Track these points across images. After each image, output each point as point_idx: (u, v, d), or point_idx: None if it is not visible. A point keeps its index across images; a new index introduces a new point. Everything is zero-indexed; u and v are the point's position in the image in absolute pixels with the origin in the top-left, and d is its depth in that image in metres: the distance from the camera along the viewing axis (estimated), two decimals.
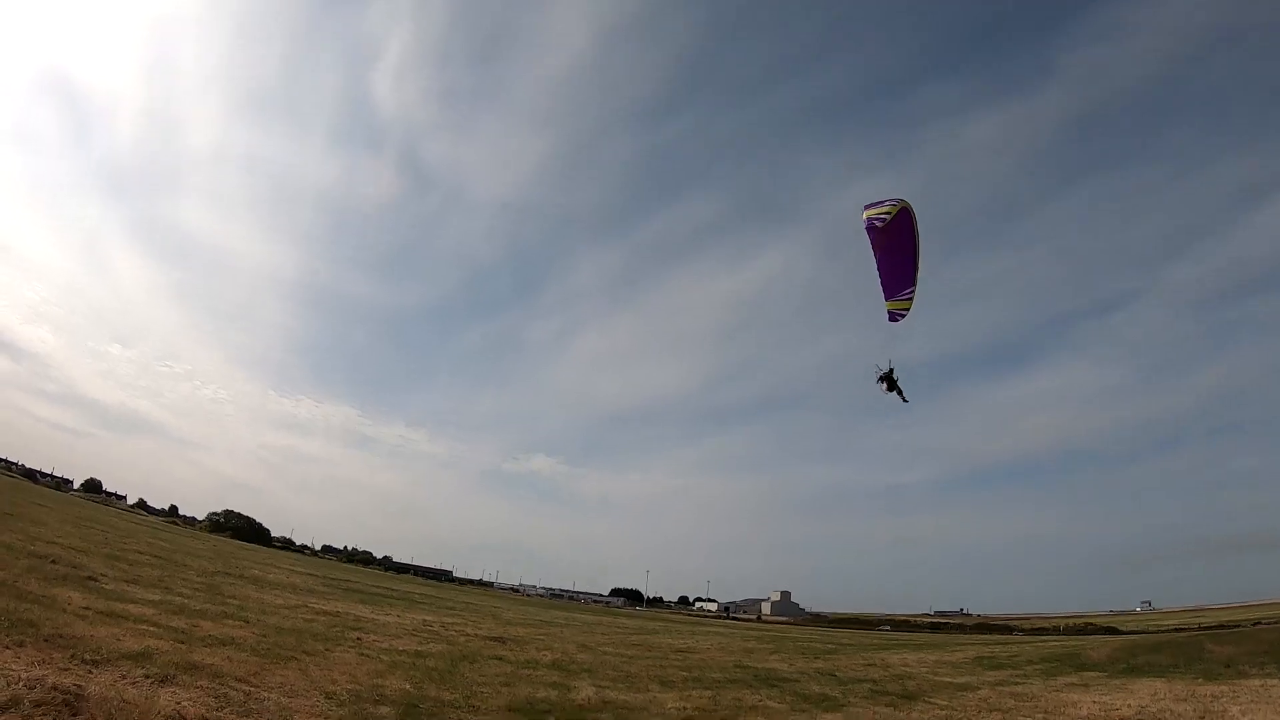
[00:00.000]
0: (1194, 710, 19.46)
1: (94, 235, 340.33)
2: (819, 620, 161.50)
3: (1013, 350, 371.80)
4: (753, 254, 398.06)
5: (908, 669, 32.13)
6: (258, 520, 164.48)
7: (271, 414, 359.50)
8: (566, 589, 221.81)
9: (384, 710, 11.64)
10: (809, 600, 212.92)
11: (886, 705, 19.68)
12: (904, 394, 21.96)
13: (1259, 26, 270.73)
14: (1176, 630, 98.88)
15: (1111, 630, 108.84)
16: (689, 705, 16.65)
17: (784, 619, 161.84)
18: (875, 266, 20.39)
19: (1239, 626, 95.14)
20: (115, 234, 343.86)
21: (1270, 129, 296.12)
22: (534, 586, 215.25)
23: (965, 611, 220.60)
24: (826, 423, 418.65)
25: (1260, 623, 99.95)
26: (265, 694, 11.27)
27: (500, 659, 21.49)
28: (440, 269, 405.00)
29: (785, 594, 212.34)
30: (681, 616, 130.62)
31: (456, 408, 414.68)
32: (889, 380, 22.14)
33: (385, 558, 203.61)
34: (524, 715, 13.22)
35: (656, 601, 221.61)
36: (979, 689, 24.82)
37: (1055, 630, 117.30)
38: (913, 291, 20.87)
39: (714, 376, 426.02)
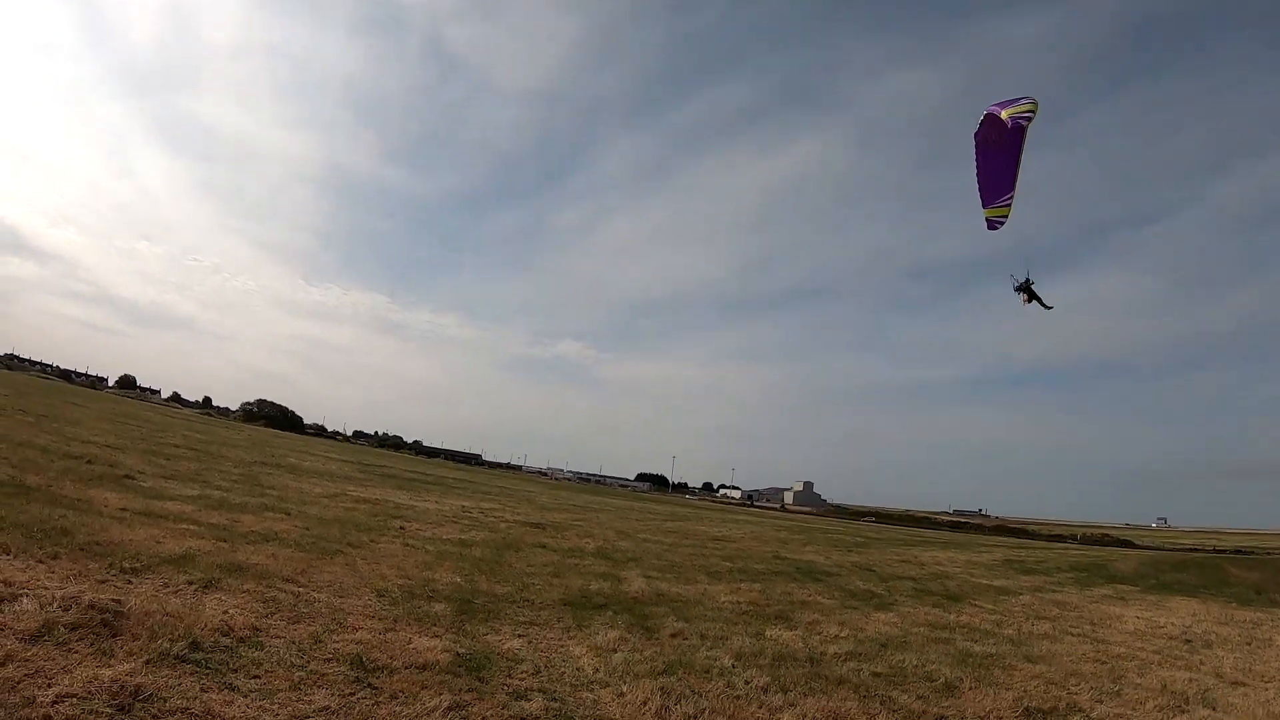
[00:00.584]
0: (1239, 635, 19.21)
1: (117, 135, 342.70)
2: (840, 512, 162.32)
3: (1050, 254, 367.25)
4: (787, 142, 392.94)
5: (942, 568, 32.14)
6: (290, 409, 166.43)
7: (301, 303, 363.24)
8: (594, 473, 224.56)
9: (438, 607, 11.18)
10: (830, 492, 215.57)
11: (934, 606, 19.40)
12: (1044, 301, 21.37)
13: None
14: (1192, 550, 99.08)
15: (1127, 543, 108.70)
16: (741, 599, 16.30)
17: (806, 509, 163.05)
18: (975, 169, 19.77)
19: (1253, 552, 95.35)
20: (138, 133, 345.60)
21: None
22: (562, 470, 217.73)
23: (984, 512, 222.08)
24: (857, 315, 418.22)
25: (1274, 551, 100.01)
26: (315, 594, 10.84)
27: (544, 547, 21.27)
28: (467, 156, 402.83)
29: (808, 484, 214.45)
30: (707, 503, 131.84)
31: (485, 293, 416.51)
32: (1028, 290, 21.51)
33: (416, 442, 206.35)
34: (579, 609, 12.78)
35: (681, 487, 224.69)
36: (1020, 594, 24.75)
37: (1073, 538, 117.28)
38: (1011, 197, 20.10)
39: (744, 265, 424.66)
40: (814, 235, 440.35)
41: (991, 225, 20.71)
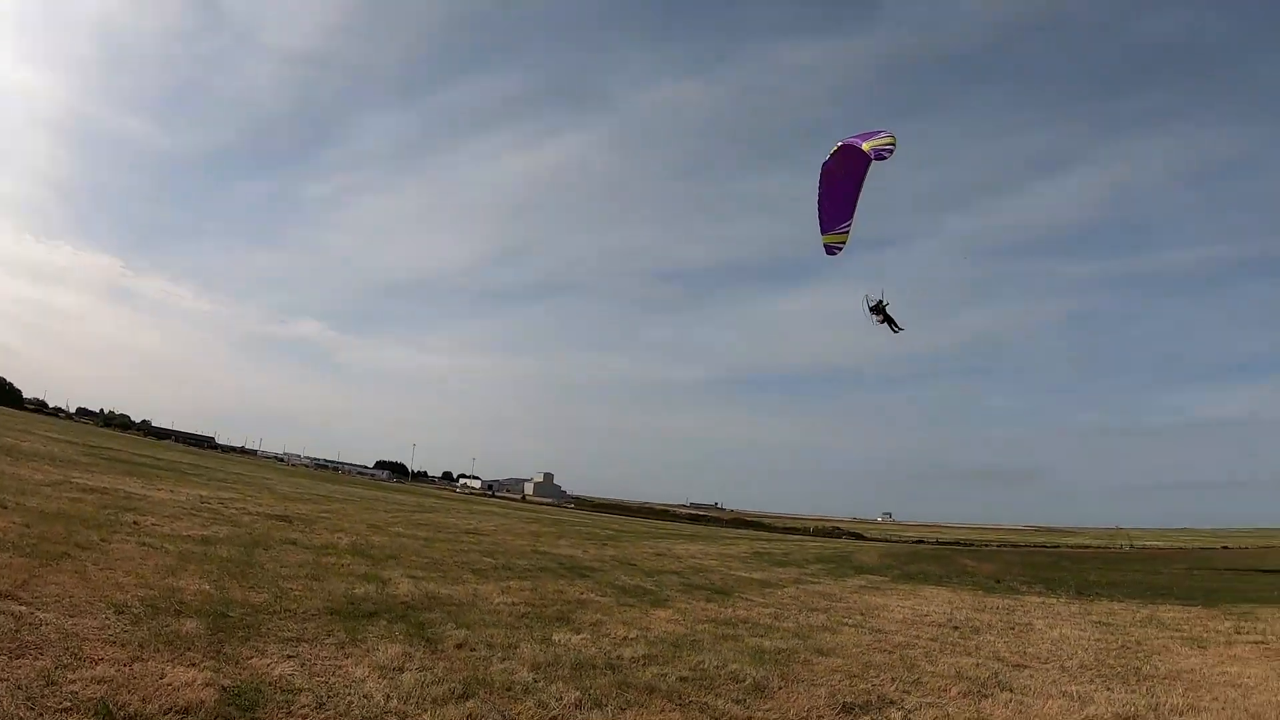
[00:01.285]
0: (999, 620, 19.79)
1: None
2: (582, 504, 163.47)
3: (792, 267, 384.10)
4: (552, 136, 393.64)
5: (698, 561, 32.29)
6: (8, 380, 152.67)
7: (26, 262, 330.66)
8: (332, 460, 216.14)
9: (190, 625, 9.25)
10: (570, 484, 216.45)
11: (707, 600, 19.15)
12: (896, 324, 22.14)
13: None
14: (919, 542, 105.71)
15: (857, 535, 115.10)
16: (515, 600, 15.34)
17: (547, 500, 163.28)
18: (818, 196, 20.82)
19: (973, 545, 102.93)
20: None
21: (1069, 110, 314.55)
22: (299, 456, 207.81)
23: (720, 506, 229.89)
24: (605, 312, 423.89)
25: (990, 545, 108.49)
26: (41, 614, 8.60)
27: (294, 544, 19.29)
28: (221, 114, 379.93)
29: (548, 475, 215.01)
30: (449, 493, 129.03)
31: (226, 264, 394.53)
32: (881, 311, 22.02)
33: (144, 422, 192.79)
34: (349, 618, 11.21)
35: (421, 476, 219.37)
36: (783, 586, 24.93)
37: (806, 531, 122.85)
38: (849, 226, 20.88)
39: (497, 255, 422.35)
40: (569, 231, 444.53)
41: (830, 251, 21.39)
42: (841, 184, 20.75)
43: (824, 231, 21.54)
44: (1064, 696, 11.39)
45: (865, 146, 19.15)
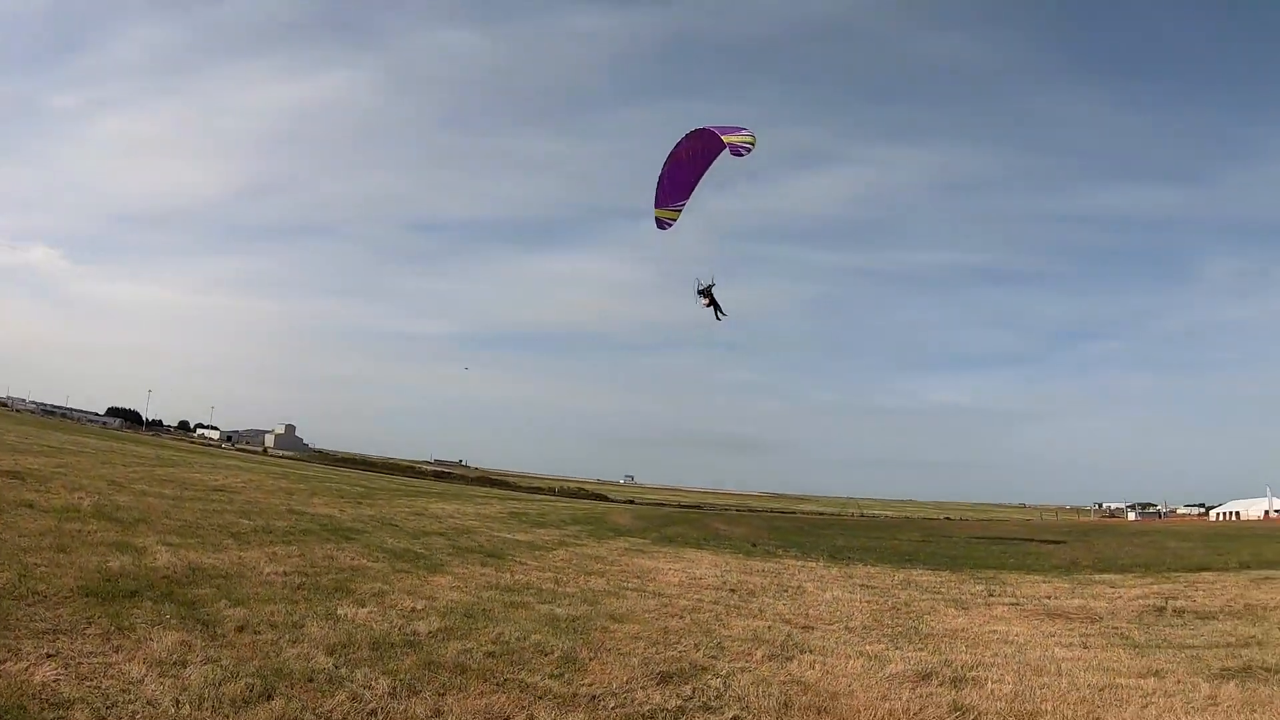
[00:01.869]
0: (770, 583, 20.13)
1: None
2: (324, 458, 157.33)
3: (550, 229, 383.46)
4: (321, 68, 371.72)
5: (458, 521, 31.50)
6: None
7: None
8: (60, 405, 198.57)
9: None
10: (311, 436, 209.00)
11: (481, 565, 18.55)
12: (721, 310, 23.03)
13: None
14: (661, 505, 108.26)
15: (601, 497, 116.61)
16: (285, 569, 14.02)
17: (289, 453, 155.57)
18: (662, 170, 21.43)
19: (714, 509, 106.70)
20: None
21: (836, 112, 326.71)
22: (24, 400, 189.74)
23: (464, 463, 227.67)
24: (355, 259, 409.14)
25: (729, 509, 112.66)
26: None
27: (31, 506, 16.86)
28: None
29: (290, 427, 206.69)
30: (187, 444, 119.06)
31: None
32: (708, 294, 22.90)
33: None
34: (108, 600, 9.56)
35: (156, 425, 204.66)
36: (552, 549, 24.59)
37: (551, 491, 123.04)
38: (684, 205, 21.63)
39: (251, 190, 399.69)
40: (326, 171, 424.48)
41: (661, 225, 22.06)
42: (688, 166, 21.36)
43: (659, 206, 22.09)
44: (862, 656, 11.59)
45: (726, 139, 19.67)
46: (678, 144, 21.10)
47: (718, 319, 24.07)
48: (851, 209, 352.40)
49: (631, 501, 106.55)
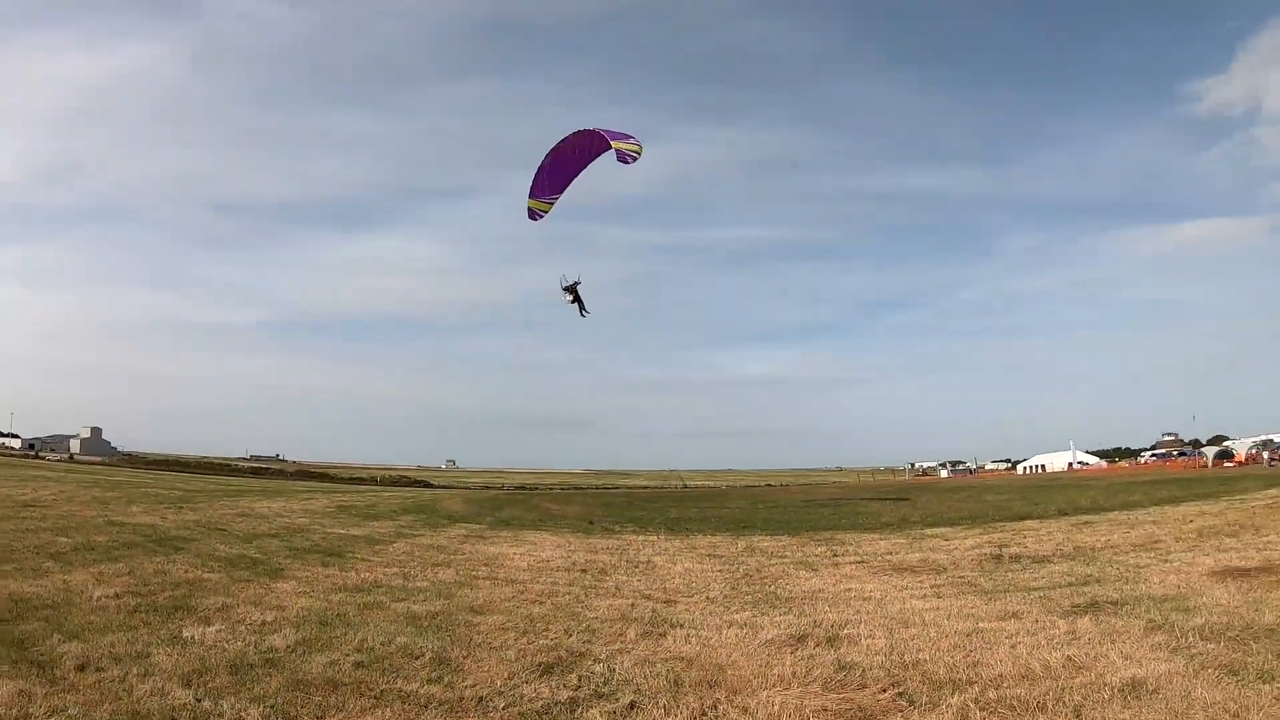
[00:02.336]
0: (620, 560, 20.04)
1: None
2: (134, 461, 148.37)
3: (366, 210, 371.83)
4: (125, 38, 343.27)
5: (288, 519, 29.91)
6: None
7: None
8: None
9: None
10: (118, 438, 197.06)
11: (323, 565, 17.49)
12: (584, 308, 23.43)
13: None
14: (485, 488, 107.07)
15: (425, 484, 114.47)
16: (116, 590, 12.88)
17: (97, 459, 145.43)
18: (543, 161, 21.97)
19: (539, 489, 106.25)
20: None
21: (650, 91, 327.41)
22: None
23: (281, 458, 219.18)
24: (161, 244, 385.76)
25: (554, 488, 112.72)
26: None
27: None
28: None
29: (96, 430, 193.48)
30: None
31: None
32: (574, 291, 23.39)
33: None
34: None
35: None
36: (391, 541, 23.55)
37: (373, 481, 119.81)
38: (556, 200, 22.25)
39: (45, 170, 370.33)
40: (127, 150, 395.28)
41: (533, 215, 22.55)
42: (569, 162, 21.81)
43: (534, 197, 22.51)
44: (733, 626, 11.55)
45: (615, 144, 20.10)
46: (564, 139, 21.32)
47: (581, 315, 24.41)
48: (665, 188, 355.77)
49: (454, 487, 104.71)
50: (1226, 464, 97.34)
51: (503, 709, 7.60)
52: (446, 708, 7.55)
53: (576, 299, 23.84)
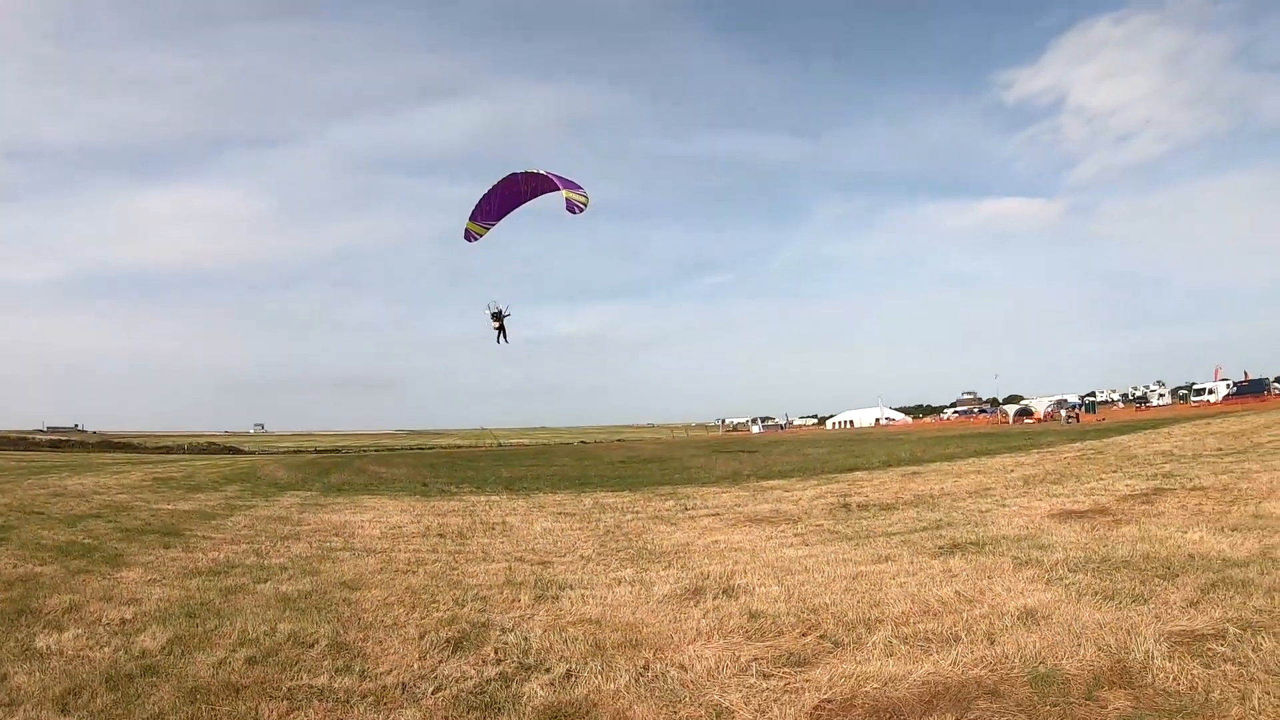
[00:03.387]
0: (473, 522, 19.68)
1: None
2: None
3: (167, 158, 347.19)
4: None
5: (106, 496, 27.68)
6: None
7: None
8: None
9: None
10: None
11: (164, 547, 15.92)
12: (505, 335, 24.41)
13: None
14: (296, 452, 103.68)
15: (235, 450, 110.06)
16: None
17: None
18: (490, 188, 22.29)
19: (348, 451, 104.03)
20: None
21: (471, 43, 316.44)
22: None
23: (81, 428, 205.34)
24: None
25: (368, 449, 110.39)
26: None
27: None
28: None
29: None
30: None
31: None
32: (499, 319, 24.16)
33: None
34: None
35: None
36: (226, 515, 21.96)
37: (181, 449, 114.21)
38: (492, 227, 23.06)
39: None
40: None
41: (469, 236, 23.13)
42: (515, 197, 22.34)
43: (473, 220, 23.01)
44: (622, 584, 11.44)
45: (565, 194, 20.68)
46: (515, 174, 21.74)
47: (499, 342, 24.79)
48: (477, 142, 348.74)
49: (268, 452, 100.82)
50: (1027, 420, 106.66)
51: (433, 694, 7.03)
52: (372, 700, 6.91)
53: (501, 327, 24.28)
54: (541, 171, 21.35)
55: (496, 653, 8.20)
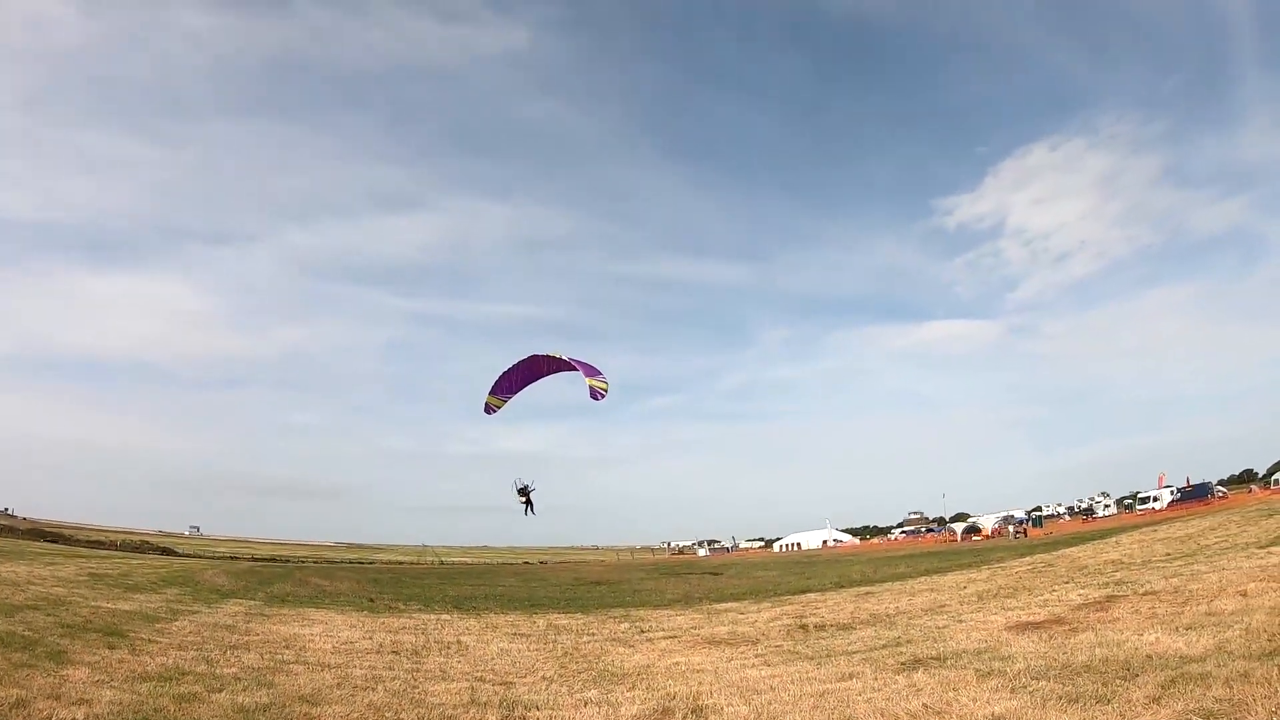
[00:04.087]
0: (426, 640, 19.32)
1: None
2: None
3: (117, 244, 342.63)
4: None
5: (41, 588, 26.25)
6: None
7: None
8: None
9: None
10: None
11: (108, 648, 15.20)
12: (533, 508, 25.50)
13: None
14: (233, 558, 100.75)
15: (168, 550, 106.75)
16: None
17: None
18: (512, 366, 23.82)
19: (288, 560, 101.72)
20: None
21: (430, 157, 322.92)
22: None
23: (11, 513, 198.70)
24: None
25: (307, 561, 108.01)
26: None
27: None
28: None
29: None
30: None
31: None
32: (525, 494, 25.27)
33: None
34: None
35: None
36: (170, 619, 21.12)
37: (114, 545, 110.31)
38: (508, 400, 24.54)
39: None
40: None
41: (488, 410, 24.71)
42: (533, 375, 23.83)
43: (493, 394, 24.38)
44: (588, 705, 11.29)
45: (589, 382, 22.19)
46: (538, 356, 23.35)
47: (527, 515, 26.02)
48: (431, 255, 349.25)
49: (202, 556, 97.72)
50: (975, 538, 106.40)
51: None
52: None
53: (528, 501, 25.36)
54: (565, 358, 22.73)
55: None
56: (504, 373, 23.75)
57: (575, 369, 22.27)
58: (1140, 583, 20.18)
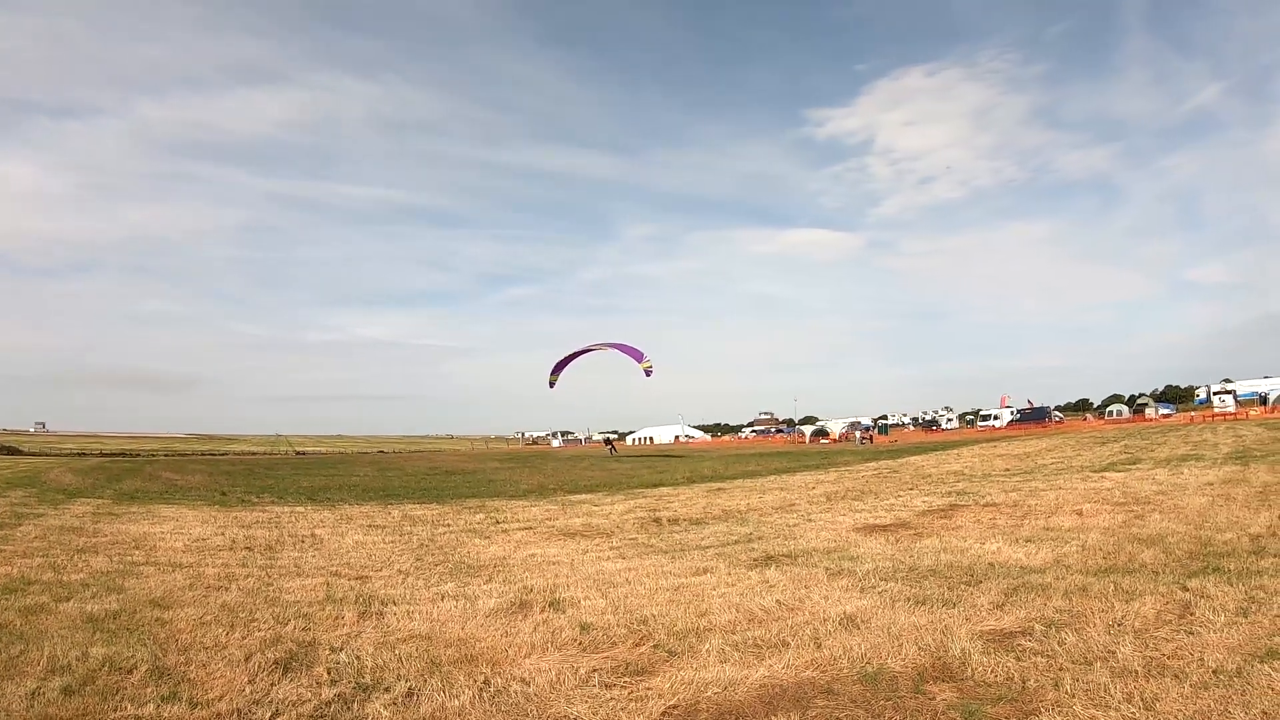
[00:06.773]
0: (280, 535, 18.60)
1: None
2: None
3: None
4: None
5: None
6: None
7: None
8: None
9: None
10: None
11: None
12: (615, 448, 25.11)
13: None
14: (81, 454, 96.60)
15: (13, 450, 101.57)
16: None
17: None
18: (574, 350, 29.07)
19: (138, 455, 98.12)
20: None
21: (294, 29, 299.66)
22: None
23: None
24: None
25: (158, 454, 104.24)
26: None
27: None
28: None
29: None
30: None
31: None
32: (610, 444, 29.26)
33: None
34: None
35: None
36: (14, 524, 19.91)
37: None
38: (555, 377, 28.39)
39: None
40: None
41: (551, 385, 28.76)
42: (583, 355, 27.26)
43: (553, 374, 29.17)
44: (446, 598, 11.10)
45: (643, 365, 27.54)
46: (592, 346, 27.43)
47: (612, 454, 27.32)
48: (291, 133, 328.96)
49: (52, 454, 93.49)
50: (823, 440, 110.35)
51: None
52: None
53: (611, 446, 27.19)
54: (614, 347, 26.16)
55: (330, 673, 7.68)
56: (563, 359, 26.51)
57: (628, 353, 24.29)
58: (981, 494, 21.25)
